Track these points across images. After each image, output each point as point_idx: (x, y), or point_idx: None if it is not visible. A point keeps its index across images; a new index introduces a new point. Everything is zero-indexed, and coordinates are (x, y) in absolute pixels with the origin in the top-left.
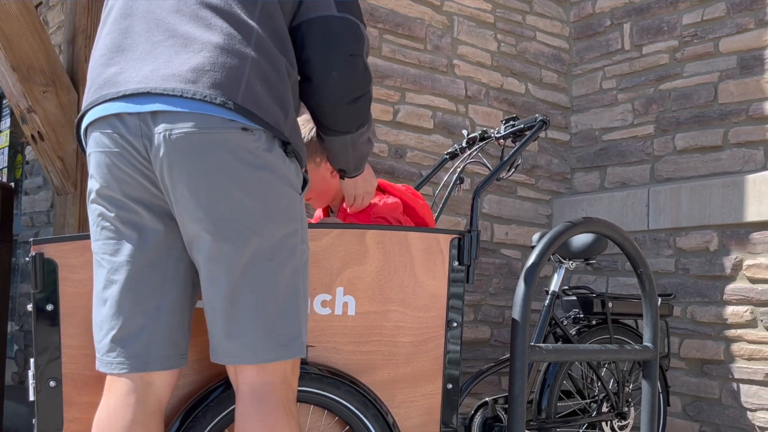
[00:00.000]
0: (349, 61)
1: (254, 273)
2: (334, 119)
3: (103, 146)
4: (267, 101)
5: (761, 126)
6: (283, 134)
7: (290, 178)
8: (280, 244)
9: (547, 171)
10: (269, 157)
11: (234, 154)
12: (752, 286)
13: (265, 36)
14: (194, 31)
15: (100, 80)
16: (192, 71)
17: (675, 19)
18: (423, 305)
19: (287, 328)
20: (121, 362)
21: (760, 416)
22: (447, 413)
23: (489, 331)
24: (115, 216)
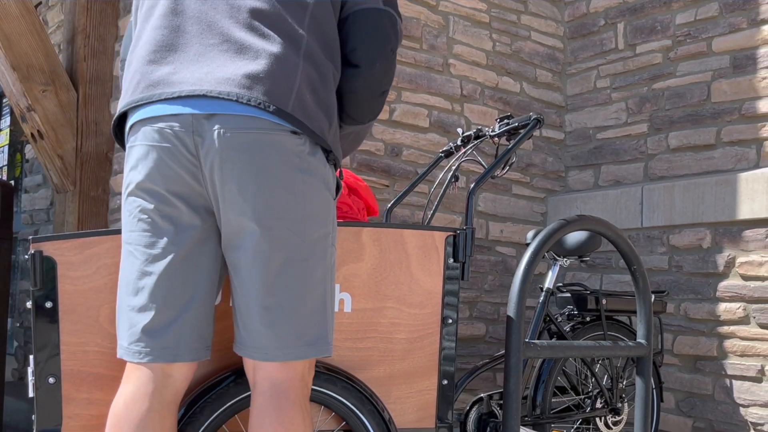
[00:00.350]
0: (389, 55)
1: (290, 272)
2: (361, 108)
3: (152, 140)
4: (314, 109)
5: (754, 125)
6: (327, 142)
7: (329, 183)
8: (314, 245)
9: (542, 169)
10: (313, 161)
11: (282, 155)
12: (745, 283)
13: (313, 44)
14: (248, 38)
15: (151, 78)
16: (247, 77)
17: (668, 18)
18: (418, 302)
19: (316, 328)
20: (149, 352)
21: (753, 412)
22: (442, 409)
23: (484, 327)
24: (155, 209)
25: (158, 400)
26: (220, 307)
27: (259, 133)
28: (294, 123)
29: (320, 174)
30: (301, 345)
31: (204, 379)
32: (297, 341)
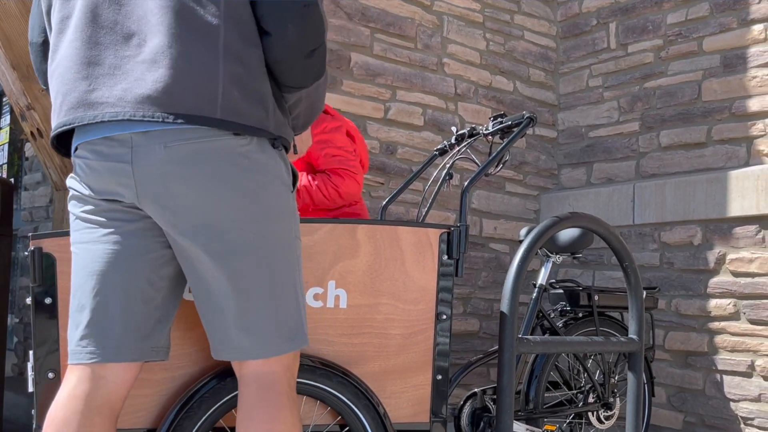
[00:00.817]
0: (303, 12)
1: (258, 273)
2: (292, 75)
3: (90, 157)
4: (246, 104)
5: (744, 123)
6: (269, 131)
7: (283, 176)
8: (278, 242)
9: (535, 167)
10: (262, 157)
11: (229, 159)
12: (735, 279)
13: (231, 33)
14: (163, 45)
15: (72, 98)
16: (166, 93)
17: (660, 18)
18: (413, 298)
19: (292, 321)
20: (78, 353)
21: (743, 407)
22: (437, 404)
23: (478, 323)
24: (94, 212)
25: (86, 403)
26: None
27: (200, 142)
28: (229, 127)
29: (272, 169)
30: (281, 341)
31: (201, 374)
32: (276, 338)
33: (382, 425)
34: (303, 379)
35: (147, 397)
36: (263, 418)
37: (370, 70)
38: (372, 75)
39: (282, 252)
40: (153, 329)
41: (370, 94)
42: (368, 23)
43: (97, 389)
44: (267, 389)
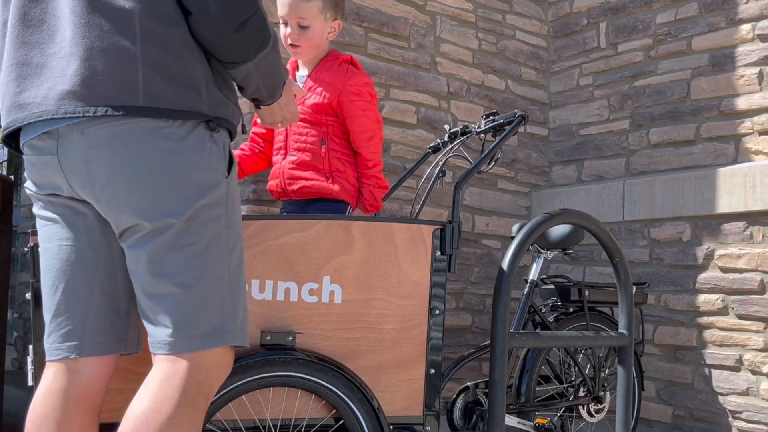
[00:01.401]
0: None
1: (174, 259)
2: (227, 51)
3: (30, 154)
4: (172, 89)
5: (732, 121)
6: (202, 113)
7: (211, 161)
8: (201, 229)
9: (526, 164)
10: (188, 140)
11: (146, 141)
12: (723, 275)
13: (149, 15)
14: (74, 34)
15: (7, 101)
16: (86, 86)
17: (649, 18)
18: (407, 293)
19: (211, 317)
20: (53, 348)
21: (731, 400)
22: (430, 397)
23: (470, 318)
24: (44, 207)
25: (63, 397)
26: None
27: (115, 125)
28: (154, 114)
29: (200, 153)
30: (194, 336)
31: None
32: (189, 332)
33: (376, 418)
34: (298, 373)
35: None
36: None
37: (365, 68)
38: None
39: (205, 240)
40: (120, 322)
41: None
42: (362, 23)
43: (73, 384)
44: (163, 380)
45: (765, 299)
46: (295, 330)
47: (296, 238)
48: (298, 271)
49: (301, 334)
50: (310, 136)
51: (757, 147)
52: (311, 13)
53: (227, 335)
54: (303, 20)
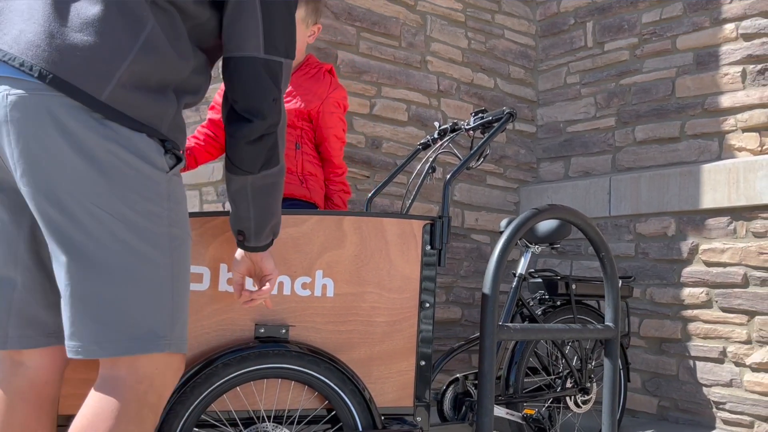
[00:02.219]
0: (272, 106)
1: (97, 256)
2: (239, 155)
3: None
4: (142, 101)
5: (716, 119)
6: (160, 133)
7: (149, 154)
8: (129, 226)
9: (515, 161)
10: (123, 130)
11: (80, 120)
12: (707, 269)
13: (161, 28)
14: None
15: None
16: (59, 50)
17: (635, 17)
18: (397, 287)
19: (143, 320)
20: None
21: (715, 391)
22: (420, 389)
23: (460, 311)
24: None
25: (5, 389)
26: (207, 293)
27: (49, 96)
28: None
29: (138, 147)
30: (120, 340)
31: (192, 361)
32: (110, 335)
33: (367, 409)
34: (291, 365)
35: None
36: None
37: (356, 67)
38: (358, 72)
39: (133, 239)
40: (50, 315)
41: (356, 90)
42: (354, 22)
43: (16, 375)
44: (106, 394)
45: (748, 293)
46: (289, 323)
47: (289, 233)
48: (291, 265)
49: (294, 326)
50: (287, 141)
51: (741, 144)
52: None
53: (160, 340)
54: None
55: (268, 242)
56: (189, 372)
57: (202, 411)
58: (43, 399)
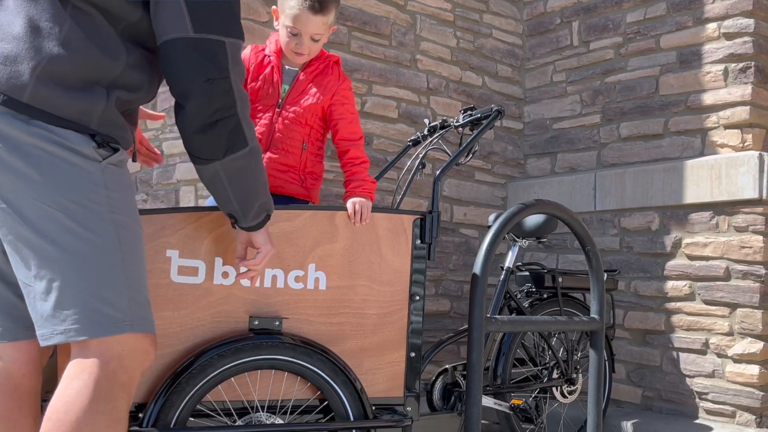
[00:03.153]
0: (205, 87)
1: (47, 247)
2: (192, 145)
3: None
4: (64, 99)
5: (699, 116)
6: (89, 128)
7: (78, 147)
8: (70, 216)
9: (502, 157)
10: (62, 136)
11: (9, 123)
12: (690, 262)
13: (80, 28)
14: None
15: None
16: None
17: (619, 17)
18: (388, 280)
19: (96, 304)
20: None
21: (698, 382)
22: (410, 379)
23: (449, 303)
24: None
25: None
26: (202, 286)
27: None
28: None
29: (60, 140)
30: (84, 324)
31: (189, 352)
32: (75, 320)
33: (359, 400)
34: (285, 357)
35: None
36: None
37: (348, 66)
38: (349, 70)
39: (78, 227)
40: (20, 309)
41: None
42: (345, 22)
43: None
44: (75, 377)
45: (730, 285)
46: (282, 315)
47: (282, 228)
48: (284, 258)
49: (288, 319)
50: (295, 139)
51: (723, 140)
52: (324, 28)
53: (121, 323)
54: (316, 35)
55: (260, 221)
56: (185, 363)
57: (197, 401)
58: (21, 392)
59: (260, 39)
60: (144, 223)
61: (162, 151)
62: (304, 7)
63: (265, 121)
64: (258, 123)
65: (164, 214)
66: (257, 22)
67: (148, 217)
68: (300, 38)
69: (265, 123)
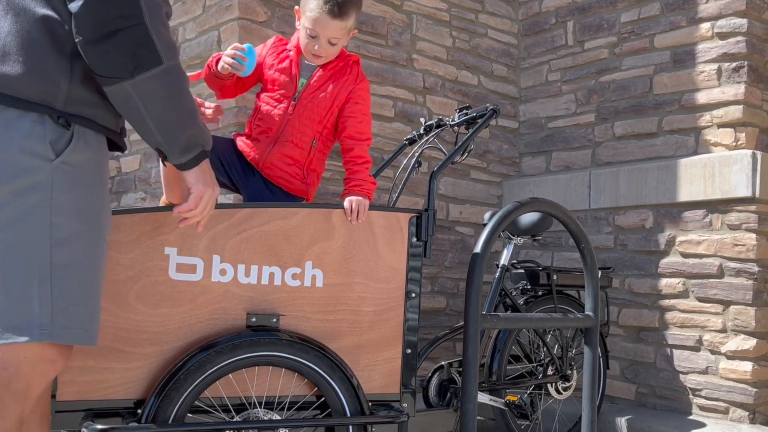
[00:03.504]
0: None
1: None
2: (89, 58)
3: None
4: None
5: (692, 115)
6: (54, 107)
7: (30, 144)
8: (12, 216)
9: (498, 156)
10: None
11: None
12: (684, 260)
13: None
14: None
15: None
16: None
17: (614, 17)
18: (384, 277)
19: (19, 310)
20: None
21: (692, 378)
22: (406, 376)
23: (445, 301)
24: None
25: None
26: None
27: None
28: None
29: (15, 134)
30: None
31: (187, 349)
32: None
33: (355, 396)
34: (282, 353)
35: (136, 370)
36: None
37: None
38: None
39: (12, 227)
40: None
41: None
42: None
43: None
44: None
45: (723, 283)
46: (279, 312)
47: (280, 225)
48: (281, 256)
49: (285, 316)
50: (306, 134)
51: (716, 139)
52: (343, 32)
53: (33, 331)
54: (334, 38)
55: (192, 157)
56: (183, 359)
57: (195, 397)
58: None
59: (259, 39)
60: (143, 221)
61: None
62: (324, 11)
63: (280, 111)
64: (273, 111)
65: (163, 212)
66: (255, 22)
67: (147, 215)
68: (318, 41)
69: (279, 114)
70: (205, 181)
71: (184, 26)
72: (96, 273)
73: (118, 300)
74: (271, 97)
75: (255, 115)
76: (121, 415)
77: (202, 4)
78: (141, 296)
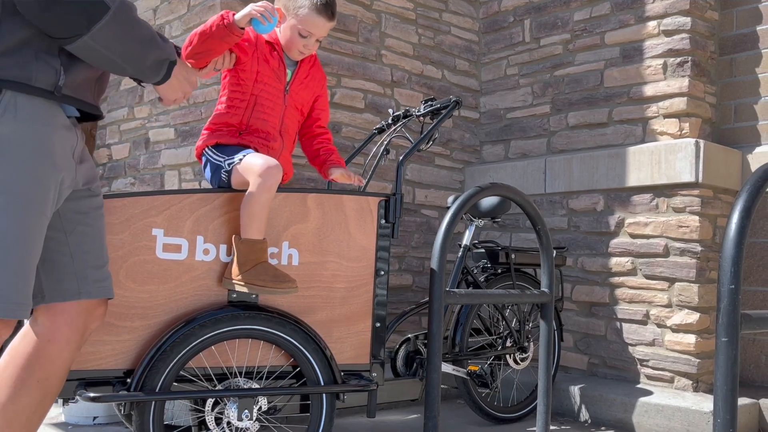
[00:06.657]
0: None
1: None
2: (50, 25)
3: None
4: None
5: (640, 106)
6: None
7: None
8: None
9: (460, 144)
10: None
11: None
12: (632, 240)
13: None
14: None
15: None
16: None
17: (568, 16)
18: (355, 257)
19: None
20: None
21: (639, 350)
22: (376, 347)
23: (411, 278)
24: None
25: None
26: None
27: None
28: None
29: None
30: None
31: (173, 322)
32: None
33: (328, 366)
34: (261, 327)
35: (126, 342)
36: None
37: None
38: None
39: None
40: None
41: None
42: None
43: None
44: None
45: (669, 261)
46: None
47: None
48: None
49: None
50: (292, 129)
51: (662, 129)
52: (328, 31)
53: None
54: (322, 37)
55: (162, 75)
56: (169, 332)
57: (180, 367)
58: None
59: None
60: (132, 205)
61: (149, 138)
62: (321, 14)
63: (278, 103)
64: (271, 104)
65: (150, 196)
66: None
67: (136, 198)
68: (309, 40)
69: (279, 106)
70: (180, 88)
71: (170, 24)
72: (23, 246)
73: None
74: (265, 89)
75: (250, 108)
76: (111, 384)
77: (186, 3)
78: (130, 274)
